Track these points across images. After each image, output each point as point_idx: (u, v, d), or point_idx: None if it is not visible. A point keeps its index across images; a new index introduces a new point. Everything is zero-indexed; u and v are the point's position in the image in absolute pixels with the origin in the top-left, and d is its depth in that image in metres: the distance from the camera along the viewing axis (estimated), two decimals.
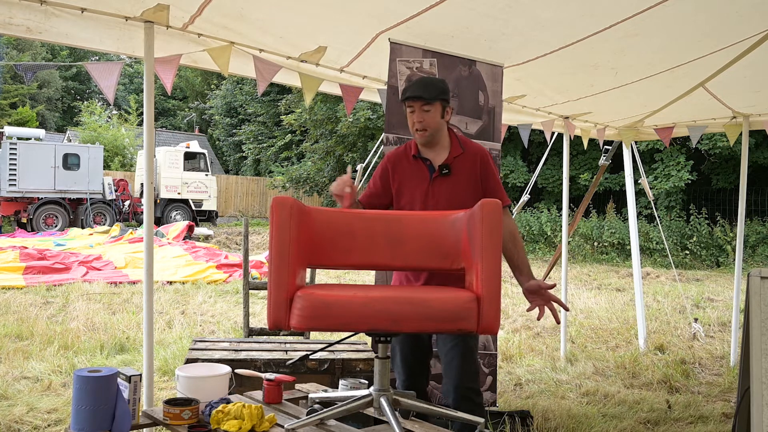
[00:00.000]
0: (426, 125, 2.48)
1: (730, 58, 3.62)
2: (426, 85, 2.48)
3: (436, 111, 2.48)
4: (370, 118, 17.92)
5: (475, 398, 2.49)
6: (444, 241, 2.33)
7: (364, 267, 2.35)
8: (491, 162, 2.57)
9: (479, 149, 2.57)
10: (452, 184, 2.51)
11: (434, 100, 2.46)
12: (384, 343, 2.14)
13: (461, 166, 2.52)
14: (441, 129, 2.52)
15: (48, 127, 32.15)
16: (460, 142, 2.56)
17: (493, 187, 2.54)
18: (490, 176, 2.55)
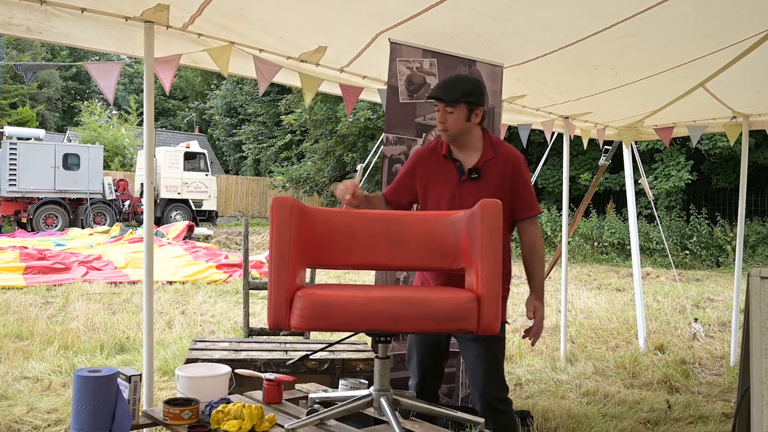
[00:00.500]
0: (447, 127, 2.41)
1: (730, 58, 3.62)
2: (448, 86, 2.40)
3: (460, 113, 2.39)
4: (370, 118, 17.91)
5: (501, 407, 2.45)
6: (444, 241, 2.33)
7: (364, 267, 2.35)
8: (523, 168, 2.48)
9: (512, 154, 2.47)
10: (481, 189, 2.41)
11: (456, 102, 2.37)
12: (384, 343, 2.14)
13: (492, 170, 2.43)
14: (468, 131, 2.43)
15: (48, 127, 32.15)
16: (493, 145, 2.47)
17: (523, 194, 2.45)
18: (520, 182, 2.45)
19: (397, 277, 3.36)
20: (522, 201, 2.44)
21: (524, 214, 2.45)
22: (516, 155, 2.47)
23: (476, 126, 2.44)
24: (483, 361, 2.42)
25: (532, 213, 2.45)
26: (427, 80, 3.39)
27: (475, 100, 2.39)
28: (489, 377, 2.42)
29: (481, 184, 2.43)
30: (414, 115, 3.37)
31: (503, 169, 2.43)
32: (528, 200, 2.45)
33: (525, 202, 2.44)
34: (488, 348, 2.42)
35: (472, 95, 2.39)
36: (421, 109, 3.39)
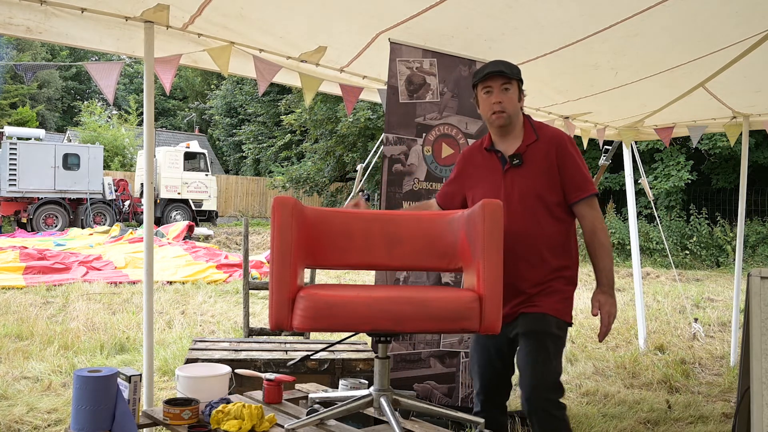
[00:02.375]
0: (505, 106, 2.26)
1: (730, 58, 3.62)
2: (505, 63, 2.28)
3: (515, 92, 2.28)
4: (370, 118, 17.91)
5: (553, 411, 2.18)
6: (441, 241, 2.33)
7: (362, 267, 2.35)
8: (570, 147, 2.28)
9: (555, 134, 2.30)
10: (525, 176, 2.26)
11: (514, 77, 2.26)
12: (384, 343, 2.14)
13: (534, 154, 2.27)
14: (518, 114, 2.32)
15: (48, 127, 32.15)
16: (534, 128, 2.32)
17: (572, 176, 2.24)
18: (568, 163, 2.24)
19: (397, 277, 3.36)
20: (572, 182, 2.24)
21: (577, 195, 2.24)
22: (559, 135, 2.30)
23: (520, 110, 2.35)
24: (533, 357, 2.20)
25: (586, 194, 2.23)
26: (427, 80, 3.39)
27: (522, 81, 2.32)
28: (538, 375, 2.18)
29: (525, 170, 2.27)
30: (414, 115, 3.37)
31: (547, 152, 2.25)
32: (579, 180, 2.24)
33: (575, 183, 2.23)
34: (540, 344, 2.21)
35: (520, 75, 2.31)
36: (421, 109, 3.39)
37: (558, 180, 2.24)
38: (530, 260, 2.26)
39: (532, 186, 2.25)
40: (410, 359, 3.40)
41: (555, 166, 2.24)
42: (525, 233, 2.25)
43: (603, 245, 2.22)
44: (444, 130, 3.46)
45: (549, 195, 2.23)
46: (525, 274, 2.26)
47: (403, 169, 3.36)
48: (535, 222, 2.24)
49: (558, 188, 2.24)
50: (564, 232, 2.28)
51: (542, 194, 2.23)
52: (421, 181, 3.41)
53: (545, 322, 2.23)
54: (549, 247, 2.25)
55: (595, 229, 2.22)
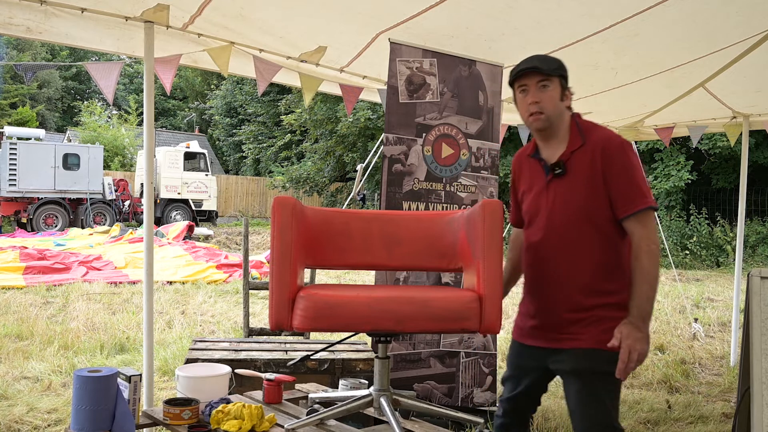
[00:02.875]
0: (543, 107, 1.97)
1: (730, 58, 3.62)
2: (541, 58, 2.02)
3: (555, 89, 1.98)
4: (370, 118, 17.91)
5: None
6: (441, 241, 2.33)
7: (361, 267, 2.35)
8: (617, 153, 1.94)
9: (603, 137, 1.97)
10: (568, 186, 1.98)
11: (553, 73, 1.97)
12: (384, 343, 2.14)
13: (579, 162, 1.97)
14: (561, 115, 2.00)
15: (48, 127, 32.14)
16: (581, 131, 2.01)
17: (619, 187, 1.92)
18: (614, 172, 1.92)
19: (397, 277, 3.36)
20: (619, 194, 1.92)
21: (624, 210, 1.91)
22: (607, 138, 1.97)
23: (566, 110, 2.03)
24: (582, 402, 1.94)
25: (635, 208, 1.89)
26: (427, 80, 3.40)
27: (567, 77, 2.02)
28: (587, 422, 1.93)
29: (568, 180, 1.98)
30: (414, 115, 3.37)
31: (592, 159, 1.95)
32: (627, 192, 1.91)
33: (623, 195, 1.91)
34: (588, 385, 1.92)
35: (565, 70, 2.02)
36: (421, 109, 3.39)
37: (604, 192, 1.93)
38: (570, 284, 1.97)
39: (575, 199, 1.96)
40: (410, 359, 3.40)
41: (600, 176, 1.93)
42: (565, 253, 1.98)
43: (643, 270, 1.87)
44: (444, 130, 3.46)
45: (595, 209, 1.94)
46: (562, 298, 1.98)
47: (403, 169, 3.36)
48: (579, 240, 1.96)
49: (605, 201, 1.94)
50: (615, 251, 1.96)
51: (587, 208, 1.94)
52: (421, 181, 3.41)
53: (591, 358, 1.92)
54: (594, 269, 1.95)
55: (639, 251, 1.89)
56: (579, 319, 1.95)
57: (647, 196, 1.92)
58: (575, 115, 2.05)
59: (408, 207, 3.37)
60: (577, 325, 1.95)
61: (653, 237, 1.90)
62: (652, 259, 1.88)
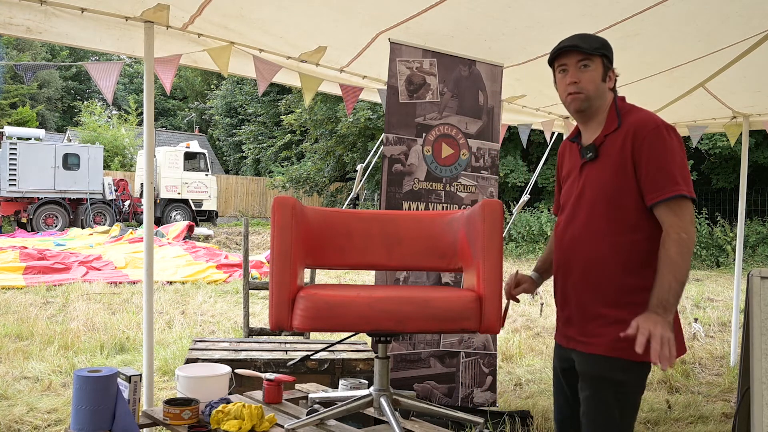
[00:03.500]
0: (582, 87, 1.85)
1: (730, 58, 3.62)
2: (583, 36, 1.88)
3: (597, 69, 1.85)
4: (370, 118, 17.91)
5: None
6: (441, 241, 2.33)
7: (361, 267, 2.35)
8: (652, 136, 1.78)
9: (638, 120, 1.82)
10: (599, 171, 1.86)
11: (595, 52, 1.84)
12: (384, 343, 2.14)
13: (611, 146, 1.84)
14: (602, 97, 1.88)
15: (48, 127, 32.15)
16: (619, 114, 1.87)
17: (649, 171, 1.76)
18: (645, 155, 1.77)
19: (397, 277, 3.36)
20: (649, 179, 1.76)
21: (653, 196, 1.76)
22: (643, 120, 1.81)
23: (608, 92, 1.90)
24: (591, 412, 1.83)
25: (665, 195, 1.73)
26: (427, 80, 3.40)
27: (611, 57, 1.89)
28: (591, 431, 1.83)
29: (599, 165, 1.86)
30: (414, 115, 3.37)
31: (623, 142, 1.81)
32: (658, 177, 1.75)
33: (653, 181, 1.75)
34: (596, 394, 1.81)
35: (608, 49, 1.89)
36: (421, 109, 3.39)
37: (633, 178, 1.79)
38: (589, 277, 1.85)
39: (602, 185, 1.84)
40: (410, 359, 3.40)
41: (630, 160, 1.79)
42: (587, 243, 1.85)
43: (669, 258, 1.70)
44: (444, 130, 3.46)
45: (622, 196, 1.80)
46: (580, 293, 1.86)
47: (403, 169, 3.36)
48: (602, 230, 1.82)
49: (634, 188, 1.79)
50: (645, 244, 1.79)
51: (614, 196, 1.81)
52: (421, 181, 3.41)
53: (601, 365, 1.79)
54: (617, 262, 1.80)
55: (666, 239, 1.72)
56: (597, 316, 1.82)
57: (680, 183, 1.73)
58: (618, 98, 1.92)
59: (408, 207, 3.37)
60: (594, 324, 1.82)
61: (686, 226, 1.71)
62: (681, 248, 1.70)
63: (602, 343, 1.79)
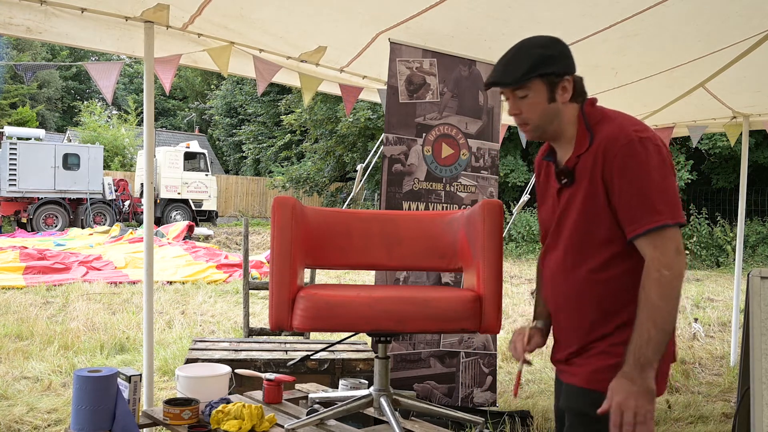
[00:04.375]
0: (525, 118, 1.61)
1: (730, 58, 3.62)
2: (508, 63, 1.58)
3: (537, 93, 1.56)
4: (370, 118, 17.92)
5: None
6: (440, 241, 2.33)
7: (361, 267, 2.35)
8: (623, 156, 1.48)
9: (606, 137, 1.52)
10: (576, 197, 1.59)
11: (523, 81, 1.55)
12: (384, 343, 2.14)
13: (583, 168, 1.56)
14: (555, 117, 1.59)
15: (48, 127, 32.15)
16: (590, 129, 1.57)
17: (622, 199, 1.49)
18: (617, 182, 1.49)
19: (397, 277, 3.36)
20: (623, 210, 1.49)
21: (631, 229, 1.49)
22: (611, 137, 1.51)
23: (568, 105, 1.59)
24: None
25: (640, 228, 1.47)
26: (427, 80, 3.40)
27: (555, 69, 1.55)
28: None
29: (574, 191, 1.59)
30: (414, 115, 3.37)
31: (593, 164, 1.53)
32: (632, 207, 1.48)
33: (628, 212, 1.49)
34: (572, 424, 1.63)
35: (547, 62, 1.55)
36: (421, 109, 3.39)
37: (606, 205, 1.52)
38: (569, 312, 1.65)
39: (577, 214, 1.58)
40: (410, 359, 3.40)
41: (601, 185, 1.52)
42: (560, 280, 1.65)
43: (648, 303, 1.45)
44: (444, 130, 3.46)
45: (596, 226, 1.54)
46: (567, 325, 1.67)
47: (403, 169, 3.36)
48: (580, 260, 1.59)
49: (609, 216, 1.53)
50: (626, 278, 1.54)
51: (587, 226, 1.56)
52: (421, 181, 3.41)
53: (579, 398, 1.58)
54: (597, 296, 1.57)
55: (646, 279, 1.46)
56: (578, 348, 1.62)
57: (659, 211, 1.45)
58: (586, 106, 1.61)
59: (408, 207, 3.37)
60: (578, 356, 1.62)
61: (669, 261, 1.44)
62: (663, 289, 1.44)
63: (583, 375, 1.59)
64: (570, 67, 1.59)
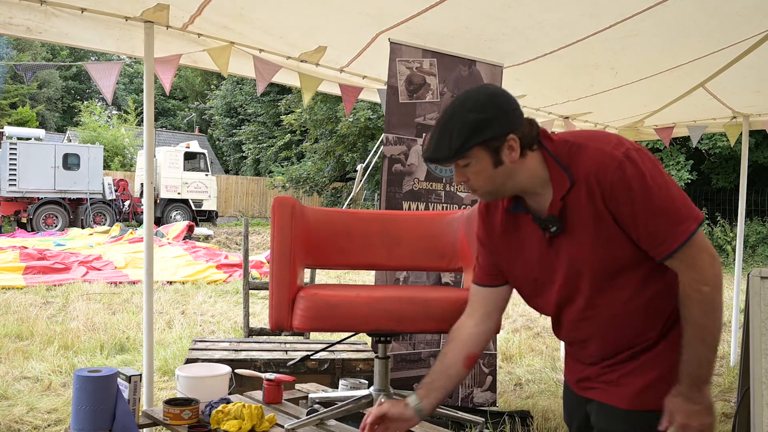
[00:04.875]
0: (474, 185, 1.49)
1: (730, 59, 3.62)
2: (442, 134, 1.44)
3: (480, 160, 1.43)
4: (370, 118, 17.92)
5: None
6: (441, 241, 2.33)
7: (361, 267, 2.35)
8: (622, 183, 1.36)
9: (591, 170, 1.39)
10: (576, 245, 1.45)
11: (461, 153, 1.42)
12: (384, 343, 2.14)
13: (575, 208, 1.43)
14: (509, 178, 1.46)
15: (48, 127, 32.15)
16: (564, 168, 1.43)
17: (640, 225, 1.37)
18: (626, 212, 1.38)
19: (397, 277, 3.36)
20: (646, 234, 1.38)
21: (659, 252, 1.39)
22: (598, 168, 1.39)
23: (522, 160, 1.45)
24: None
25: (669, 249, 1.37)
26: (427, 80, 3.40)
27: (494, 132, 1.40)
28: None
29: (573, 237, 1.45)
30: (414, 115, 3.37)
31: (590, 204, 1.41)
32: (651, 231, 1.37)
33: (651, 234, 1.38)
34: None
35: (483, 128, 1.40)
36: (421, 109, 3.39)
37: (623, 236, 1.41)
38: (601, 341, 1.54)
39: (590, 257, 1.45)
40: (410, 359, 3.40)
41: (609, 219, 1.40)
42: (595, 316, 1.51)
43: (695, 323, 1.39)
44: None
45: (622, 250, 1.42)
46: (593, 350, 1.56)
47: (403, 169, 3.36)
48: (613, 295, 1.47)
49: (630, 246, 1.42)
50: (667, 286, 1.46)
51: (613, 251, 1.43)
52: (421, 181, 3.41)
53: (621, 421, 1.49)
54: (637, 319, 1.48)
55: (686, 299, 1.39)
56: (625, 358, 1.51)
57: (682, 222, 1.35)
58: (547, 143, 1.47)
59: (408, 207, 3.37)
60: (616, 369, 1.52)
61: (705, 276, 1.36)
62: (706, 306, 1.37)
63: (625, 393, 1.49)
64: (512, 124, 1.42)
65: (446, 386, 1.71)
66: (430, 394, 1.71)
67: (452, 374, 1.69)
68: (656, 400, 1.46)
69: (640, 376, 1.49)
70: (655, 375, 1.48)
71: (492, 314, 1.69)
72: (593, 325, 1.53)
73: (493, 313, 1.69)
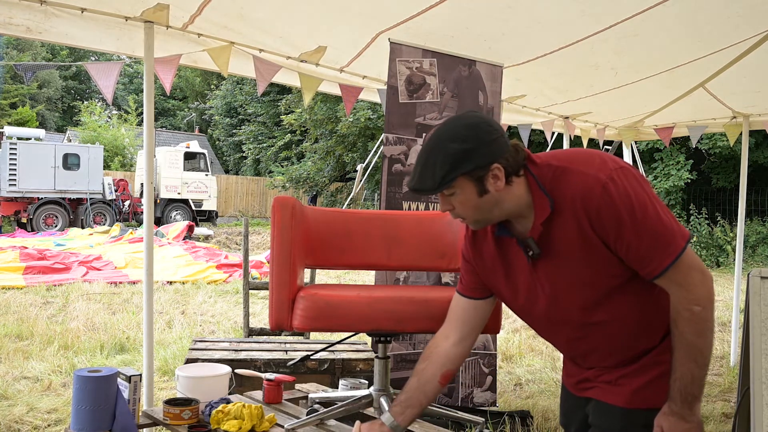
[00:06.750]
0: (460, 214, 1.49)
1: (730, 59, 3.62)
2: (425, 166, 1.43)
3: (465, 190, 1.43)
4: (370, 118, 17.93)
5: None
6: (441, 241, 2.33)
7: (361, 267, 2.35)
8: (607, 206, 1.37)
9: (576, 195, 1.39)
10: (558, 267, 1.48)
11: (444, 185, 1.42)
12: (384, 343, 2.14)
13: (558, 234, 1.44)
14: (496, 206, 1.45)
15: (48, 127, 32.15)
16: (547, 193, 1.43)
17: (629, 248, 1.38)
18: (613, 235, 1.38)
19: (397, 277, 3.36)
20: (632, 258, 1.40)
21: (649, 272, 1.41)
22: (582, 193, 1.38)
23: (508, 187, 1.44)
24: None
25: (657, 270, 1.38)
26: (427, 80, 3.40)
27: (477, 162, 1.40)
28: None
29: (557, 262, 1.47)
30: (414, 115, 3.37)
31: (576, 224, 1.41)
32: (639, 252, 1.38)
33: (640, 256, 1.39)
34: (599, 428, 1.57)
35: (466, 159, 1.39)
36: (421, 109, 3.39)
37: (611, 258, 1.42)
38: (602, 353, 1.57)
39: (585, 278, 1.47)
40: (410, 359, 3.40)
41: (597, 241, 1.41)
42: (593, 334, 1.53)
43: (685, 342, 1.41)
44: None
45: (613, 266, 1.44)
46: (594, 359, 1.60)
47: (403, 169, 3.36)
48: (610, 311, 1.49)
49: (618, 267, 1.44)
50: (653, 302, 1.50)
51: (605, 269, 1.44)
52: None
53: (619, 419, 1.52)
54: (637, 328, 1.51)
55: (677, 318, 1.41)
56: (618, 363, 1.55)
57: (670, 242, 1.37)
58: (532, 171, 1.46)
59: (408, 207, 3.37)
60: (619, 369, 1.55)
61: (696, 295, 1.38)
62: (697, 326, 1.39)
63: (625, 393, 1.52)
64: (495, 153, 1.40)
65: (422, 403, 1.70)
66: (405, 411, 1.70)
67: (428, 390, 1.69)
68: (654, 398, 1.48)
69: (639, 376, 1.52)
70: (653, 374, 1.50)
71: (472, 332, 1.70)
72: (590, 342, 1.55)
73: (473, 331, 1.70)
